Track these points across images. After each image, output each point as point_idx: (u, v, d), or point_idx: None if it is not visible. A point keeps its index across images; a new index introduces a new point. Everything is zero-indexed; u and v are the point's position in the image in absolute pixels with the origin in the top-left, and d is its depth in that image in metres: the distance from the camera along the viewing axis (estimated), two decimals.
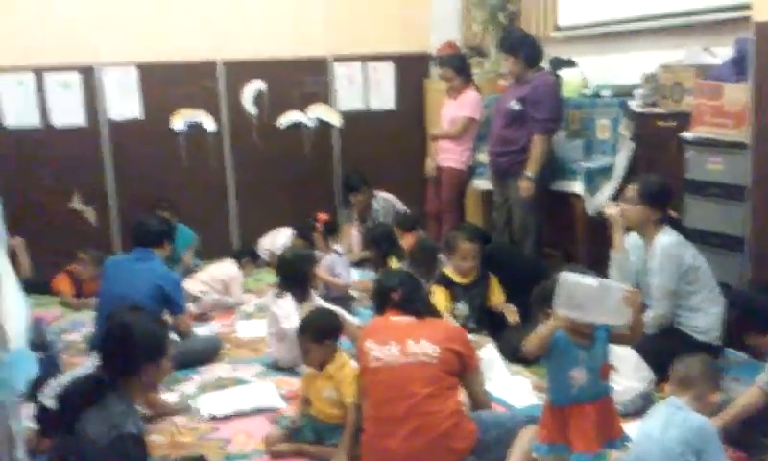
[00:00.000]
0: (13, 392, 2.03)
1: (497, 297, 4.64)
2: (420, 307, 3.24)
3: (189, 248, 6.46)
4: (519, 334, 4.21)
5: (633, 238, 4.10)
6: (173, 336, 3.39)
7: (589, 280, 2.52)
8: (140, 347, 2.64)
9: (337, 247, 5.75)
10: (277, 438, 3.41)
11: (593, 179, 5.25)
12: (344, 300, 5.17)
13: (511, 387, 3.94)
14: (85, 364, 3.62)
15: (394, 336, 3.10)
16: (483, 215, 6.45)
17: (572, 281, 2.50)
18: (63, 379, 3.39)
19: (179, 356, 3.12)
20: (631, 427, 2.87)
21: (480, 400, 3.22)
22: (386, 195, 6.85)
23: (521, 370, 4.13)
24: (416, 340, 3.06)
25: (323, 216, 6.00)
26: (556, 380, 2.60)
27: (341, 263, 5.50)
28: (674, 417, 2.61)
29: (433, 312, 3.34)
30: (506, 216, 5.61)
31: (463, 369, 3.12)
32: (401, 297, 3.25)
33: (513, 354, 4.25)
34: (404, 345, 3.05)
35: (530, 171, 5.26)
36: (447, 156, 6.30)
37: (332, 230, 6.21)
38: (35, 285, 5.95)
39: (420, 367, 3.01)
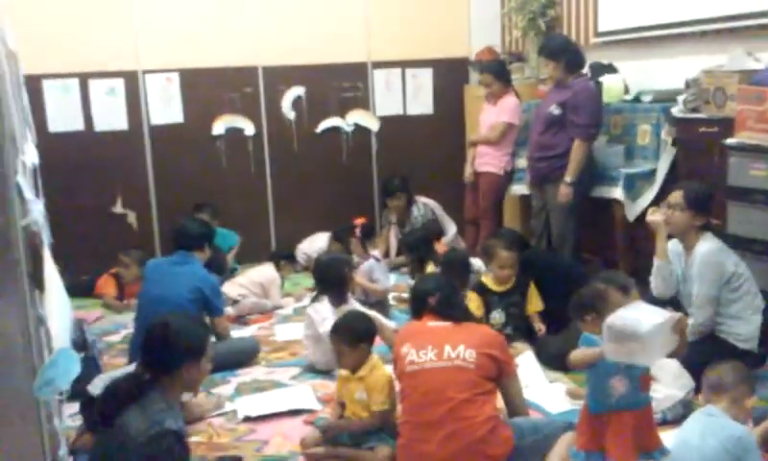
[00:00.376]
0: (56, 390, 2.06)
1: (534, 305, 4.62)
2: (458, 313, 3.24)
3: (231, 249, 6.53)
4: (557, 342, 4.23)
5: (672, 245, 4.05)
6: (211, 339, 3.43)
7: (635, 322, 2.40)
8: (181, 345, 2.68)
9: (375, 252, 5.76)
10: (314, 440, 3.43)
11: (634, 184, 5.20)
12: (382, 304, 5.18)
13: (548, 393, 3.91)
14: (129, 367, 3.67)
15: (431, 341, 3.11)
16: (521, 221, 6.42)
17: (618, 328, 2.41)
18: (109, 376, 3.45)
19: (216, 358, 3.16)
20: (670, 436, 2.83)
21: (517, 407, 3.22)
22: (426, 200, 6.85)
23: (560, 377, 4.10)
24: (453, 345, 3.06)
25: (359, 220, 6.02)
26: (595, 388, 2.58)
27: (379, 269, 5.51)
28: (712, 425, 2.58)
29: (470, 317, 3.34)
30: (544, 222, 5.58)
31: (500, 374, 3.11)
32: (438, 302, 3.26)
33: (550, 361, 4.24)
34: (441, 350, 3.06)
35: (569, 177, 5.22)
36: (486, 160, 6.28)
37: (370, 235, 6.22)
38: (78, 287, 6.07)
39: (457, 372, 3.01)
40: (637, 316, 2.41)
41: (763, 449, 3.02)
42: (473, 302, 4.51)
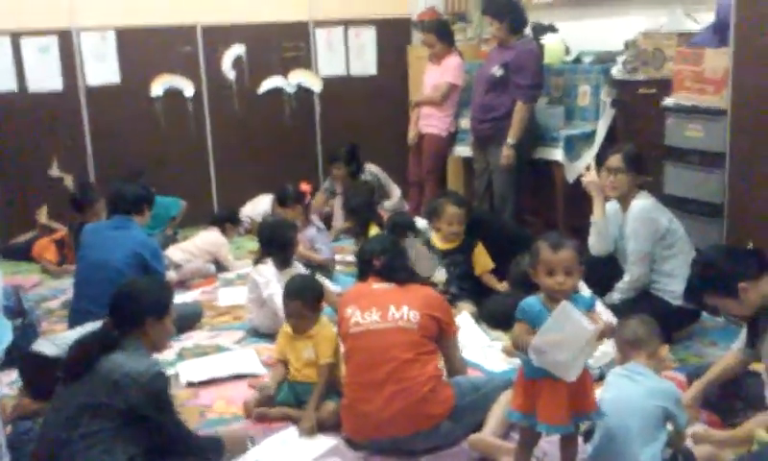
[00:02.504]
0: None
1: (482, 265, 4.64)
2: (402, 275, 3.27)
3: (175, 219, 6.45)
4: (499, 301, 4.30)
5: (610, 204, 4.13)
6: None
7: (556, 360, 2.43)
8: (145, 302, 2.84)
9: (317, 221, 5.68)
10: (258, 403, 3.44)
11: (574, 146, 5.27)
12: (325, 269, 5.18)
13: (487, 353, 3.98)
14: (71, 332, 3.62)
15: (375, 303, 3.15)
16: (464, 183, 6.47)
17: (542, 359, 2.45)
18: (57, 338, 3.49)
19: None
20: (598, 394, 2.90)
21: (456, 367, 3.28)
22: (375, 169, 6.79)
23: (501, 335, 4.17)
24: (397, 306, 3.11)
25: (306, 187, 5.94)
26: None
27: (320, 238, 5.45)
28: (645, 383, 2.66)
29: (416, 279, 3.37)
30: (487, 184, 5.63)
31: (441, 335, 3.16)
32: (383, 264, 3.28)
33: (492, 320, 4.31)
34: (385, 311, 3.11)
35: (511, 138, 5.27)
36: (429, 122, 6.29)
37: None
38: (14, 251, 5.94)
39: (401, 332, 3.06)
40: (559, 341, 2.44)
41: (698, 405, 3.14)
42: None
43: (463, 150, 6.20)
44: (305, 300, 3.46)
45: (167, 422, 2.73)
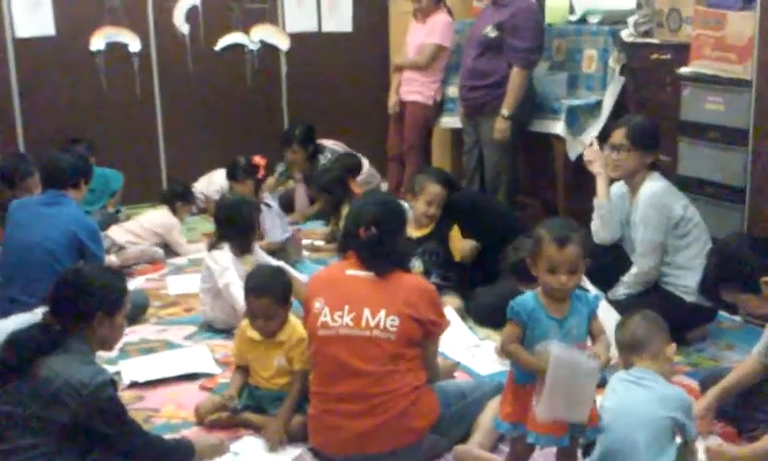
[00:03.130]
0: None
1: (456, 245, 4.61)
2: (384, 266, 3.09)
3: (115, 193, 6.39)
4: (489, 295, 4.32)
5: (616, 186, 4.15)
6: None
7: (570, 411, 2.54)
8: (92, 295, 2.78)
9: (267, 197, 5.63)
10: (212, 407, 3.43)
11: (577, 118, 5.30)
12: (285, 253, 5.15)
13: (476, 353, 4.01)
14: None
15: (348, 299, 3.04)
16: (451, 158, 6.49)
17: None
18: None
19: None
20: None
21: (432, 374, 3.17)
22: (334, 145, 6.72)
23: (491, 334, 4.20)
24: (373, 310, 3.01)
25: (259, 160, 5.89)
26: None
27: (269, 217, 5.39)
28: (654, 389, 2.68)
29: (402, 263, 3.19)
30: (477, 160, 5.64)
31: (425, 336, 3.09)
32: (369, 240, 3.08)
33: (481, 317, 4.33)
34: (359, 314, 3.01)
35: (506, 109, 5.29)
36: (413, 88, 6.29)
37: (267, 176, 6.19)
38: None
39: (376, 343, 2.99)
40: (565, 393, 2.48)
41: (713, 416, 3.17)
42: None
43: (450, 121, 6.21)
44: (275, 296, 3.37)
45: (120, 434, 2.71)
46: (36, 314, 3.19)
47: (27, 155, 6.01)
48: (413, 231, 4.60)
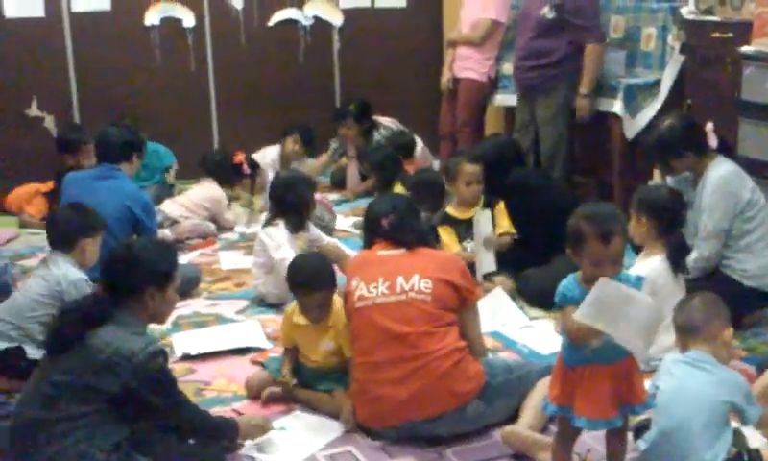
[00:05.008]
0: None
1: (501, 227, 4.57)
2: (411, 237, 3.27)
3: (169, 169, 6.46)
4: (540, 276, 4.30)
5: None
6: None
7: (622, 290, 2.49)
8: (144, 268, 2.83)
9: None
10: (261, 382, 3.49)
11: (635, 97, 5.25)
12: (329, 230, 5.19)
13: (528, 333, 4.01)
14: None
15: (381, 272, 3.16)
16: None
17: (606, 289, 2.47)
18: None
19: None
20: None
21: (474, 346, 3.22)
22: (390, 123, 6.73)
23: (542, 314, 4.20)
24: (406, 276, 3.12)
25: (239, 157, 6.06)
26: (567, 338, 2.64)
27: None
28: (712, 372, 2.67)
29: (427, 241, 3.39)
30: (531, 139, 5.61)
31: (461, 304, 3.17)
32: (391, 224, 3.29)
33: (532, 298, 4.33)
34: (393, 282, 3.12)
35: (584, 87, 5.30)
36: (467, 65, 6.28)
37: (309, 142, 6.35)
38: None
39: (412, 305, 3.08)
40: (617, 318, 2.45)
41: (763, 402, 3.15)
42: (446, 235, 4.56)
43: (504, 98, 6.19)
44: (326, 287, 3.38)
45: (168, 405, 2.77)
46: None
47: (82, 126, 6.14)
48: (459, 214, 4.61)
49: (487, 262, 4.43)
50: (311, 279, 3.37)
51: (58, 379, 2.67)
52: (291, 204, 4.46)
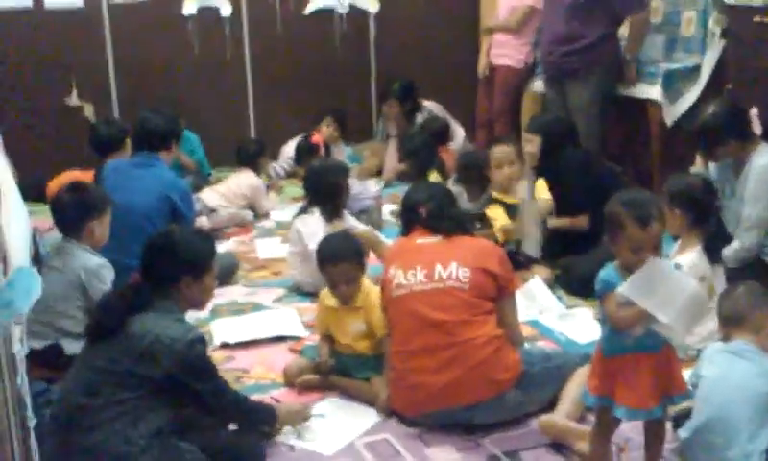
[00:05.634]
0: (15, 313, 2.11)
1: (542, 195, 4.55)
2: (449, 225, 3.30)
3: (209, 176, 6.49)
4: (582, 264, 4.26)
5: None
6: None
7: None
8: (180, 258, 2.87)
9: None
10: (299, 370, 3.53)
11: (675, 83, 5.21)
12: (365, 217, 5.19)
13: (571, 321, 4.00)
14: None
15: (419, 260, 3.19)
16: None
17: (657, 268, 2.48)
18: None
19: None
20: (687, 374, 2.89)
21: (512, 335, 3.24)
22: (434, 106, 6.72)
23: (580, 303, 4.20)
24: (444, 264, 3.14)
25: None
26: (608, 328, 2.63)
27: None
28: (757, 362, 2.65)
29: (466, 229, 3.40)
30: None
31: (499, 293, 3.18)
32: (429, 213, 3.31)
33: (572, 286, 4.32)
34: (431, 270, 3.14)
35: (631, 52, 5.29)
36: (503, 51, 6.26)
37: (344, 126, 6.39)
38: (28, 190, 6.08)
39: (450, 293, 3.10)
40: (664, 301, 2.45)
41: None
42: (494, 212, 4.53)
43: (541, 85, 6.14)
44: (350, 259, 3.44)
45: (208, 391, 2.80)
46: None
47: (118, 120, 6.14)
48: (505, 198, 4.59)
49: (532, 247, 4.41)
50: (336, 249, 3.47)
51: (100, 366, 2.71)
52: (326, 192, 4.49)
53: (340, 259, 3.43)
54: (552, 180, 4.58)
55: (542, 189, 4.58)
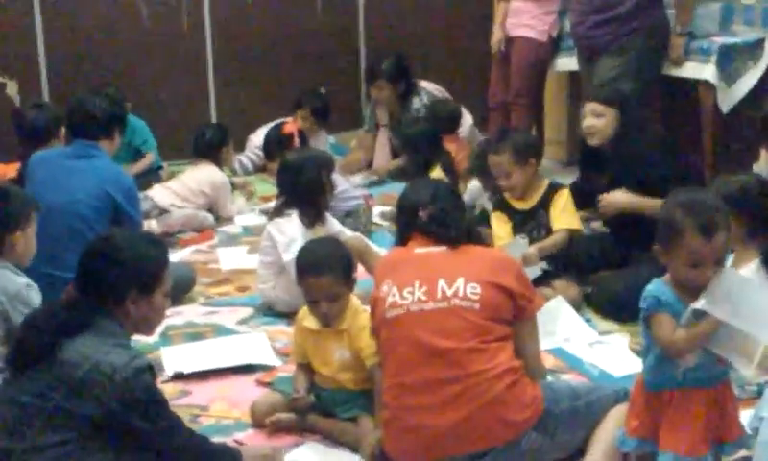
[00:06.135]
0: None
1: (559, 221, 4.51)
2: (455, 233, 3.25)
3: (160, 169, 6.51)
4: (617, 281, 4.28)
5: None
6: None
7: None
8: (127, 267, 2.84)
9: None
10: (271, 407, 3.49)
11: (732, 60, 5.23)
12: (350, 221, 5.20)
13: (603, 350, 3.99)
14: None
15: (418, 274, 3.13)
16: (568, 109, 6.45)
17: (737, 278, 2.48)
18: None
19: None
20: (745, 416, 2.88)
21: (531, 364, 3.20)
22: (433, 88, 6.75)
23: (612, 328, 4.19)
24: (449, 279, 3.09)
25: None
26: (656, 356, 2.62)
27: None
28: None
29: (476, 238, 3.36)
30: None
31: (516, 313, 3.15)
32: (431, 217, 3.25)
33: (604, 307, 4.32)
34: (433, 286, 3.09)
35: (680, 25, 5.32)
36: (521, 21, 6.27)
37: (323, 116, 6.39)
38: None
39: (457, 314, 3.05)
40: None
41: None
42: (496, 222, 4.59)
43: (568, 62, 6.17)
44: (336, 272, 3.42)
45: (158, 431, 2.77)
46: None
47: (50, 104, 6.13)
48: (517, 204, 4.60)
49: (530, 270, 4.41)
50: (319, 258, 3.43)
51: (25, 401, 2.68)
52: (304, 190, 4.47)
53: (324, 271, 3.40)
54: (623, 165, 4.53)
55: (559, 207, 4.53)
